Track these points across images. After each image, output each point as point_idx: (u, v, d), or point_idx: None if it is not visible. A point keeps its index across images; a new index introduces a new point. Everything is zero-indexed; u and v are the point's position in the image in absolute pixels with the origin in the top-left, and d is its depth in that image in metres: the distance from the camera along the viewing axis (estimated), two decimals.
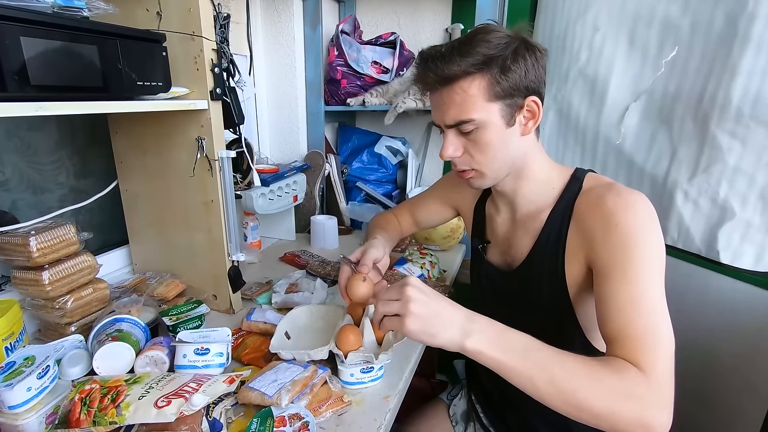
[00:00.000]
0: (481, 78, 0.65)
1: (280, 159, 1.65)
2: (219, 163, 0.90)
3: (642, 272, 0.59)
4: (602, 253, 0.63)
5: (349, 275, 0.79)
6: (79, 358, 0.73)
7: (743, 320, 1.05)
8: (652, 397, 0.52)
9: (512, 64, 0.65)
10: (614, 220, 0.63)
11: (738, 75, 0.93)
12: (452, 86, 0.66)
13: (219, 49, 0.86)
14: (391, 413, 0.71)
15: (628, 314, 0.58)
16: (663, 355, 0.55)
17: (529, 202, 0.77)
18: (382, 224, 1.01)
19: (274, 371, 0.71)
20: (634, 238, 0.61)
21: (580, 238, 0.68)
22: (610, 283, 0.61)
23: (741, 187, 0.97)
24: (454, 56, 0.64)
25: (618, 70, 1.19)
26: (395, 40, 1.59)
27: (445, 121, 0.69)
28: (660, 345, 0.56)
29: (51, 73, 0.59)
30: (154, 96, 0.78)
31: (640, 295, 0.58)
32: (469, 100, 0.65)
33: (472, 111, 0.66)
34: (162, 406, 0.58)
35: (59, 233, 0.81)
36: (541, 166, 0.75)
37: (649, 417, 0.51)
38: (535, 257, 0.75)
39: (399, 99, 1.48)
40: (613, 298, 0.60)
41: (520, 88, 0.66)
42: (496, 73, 0.64)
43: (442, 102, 0.68)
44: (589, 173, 0.74)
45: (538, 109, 0.69)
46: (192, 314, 0.89)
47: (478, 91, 0.65)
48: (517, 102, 0.67)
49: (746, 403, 1.06)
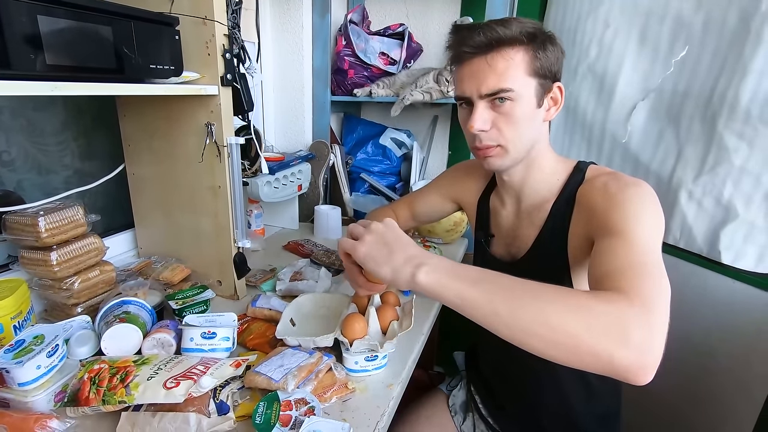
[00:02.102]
0: (526, 50, 0.66)
1: (285, 148, 1.65)
2: (228, 149, 0.90)
3: (641, 232, 0.57)
4: (602, 220, 0.63)
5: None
6: (86, 338, 0.73)
7: (741, 321, 1.06)
8: (639, 325, 0.44)
9: (550, 44, 0.68)
10: (617, 197, 0.64)
11: (748, 75, 0.93)
12: (499, 51, 0.66)
13: (231, 34, 0.86)
14: (395, 401, 0.72)
15: (622, 256, 0.53)
16: (657, 289, 0.48)
17: (535, 192, 0.78)
18: (378, 218, 1.01)
19: (280, 357, 0.72)
20: (635, 208, 0.61)
21: (582, 220, 0.70)
22: (607, 245, 0.57)
23: (746, 188, 0.98)
24: (505, 22, 0.66)
25: (627, 67, 1.19)
26: (404, 31, 1.58)
27: (481, 90, 0.67)
28: (654, 280, 0.49)
29: (66, 52, 0.59)
30: (165, 80, 0.78)
31: (636, 241, 0.55)
32: (512, 69, 0.66)
33: (514, 80, 0.66)
34: (171, 387, 0.59)
35: (68, 214, 0.81)
36: (549, 156, 0.77)
37: (633, 354, 0.42)
38: (540, 247, 0.76)
39: (406, 91, 1.48)
40: (607, 249, 0.56)
41: (552, 71, 0.69)
42: (539, 49, 0.66)
43: (481, 69, 0.67)
44: (591, 165, 0.76)
45: (561, 97, 0.71)
46: (198, 299, 0.89)
47: (522, 62, 0.66)
48: (547, 84, 0.69)
49: (739, 403, 1.07)
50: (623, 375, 0.43)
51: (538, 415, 0.86)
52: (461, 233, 1.41)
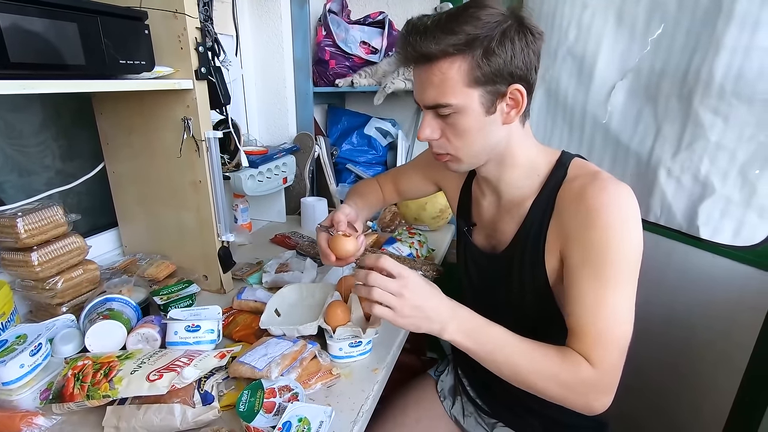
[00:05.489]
0: (461, 61, 0.61)
1: (270, 141, 1.64)
2: (206, 144, 0.89)
3: (612, 276, 0.61)
4: (576, 250, 0.64)
5: (327, 238, 0.79)
6: (71, 336, 0.74)
7: (721, 295, 1.08)
8: (598, 386, 0.62)
9: (498, 47, 0.60)
10: (592, 219, 0.62)
11: (721, 51, 0.94)
12: (431, 66, 0.62)
13: (203, 27, 0.85)
14: (379, 385, 0.73)
15: (592, 315, 0.63)
16: (615, 353, 0.62)
17: (515, 188, 0.75)
18: (361, 191, 1.02)
19: (265, 346, 0.73)
20: (610, 241, 0.61)
21: (557, 231, 0.68)
22: (580, 281, 0.64)
23: (722, 163, 0.99)
24: (436, 33, 0.60)
25: (606, 47, 1.19)
26: (384, 19, 1.57)
27: (423, 101, 0.66)
28: (613, 346, 0.62)
29: (30, 50, 0.59)
30: (137, 75, 0.77)
31: (606, 300, 0.62)
32: (447, 83, 0.62)
33: (450, 95, 0.62)
34: (154, 379, 0.60)
35: (47, 215, 0.81)
36: (527, 152, 0.73)
37: (592, 401, 0.63)
38: (519, 244, 0.75)
39: (388, 79, 1.48)
40: (581, 296, 0.64)
41: (504, 74, 0.62)
42: (479, 56, 0.60)
43: (420, 80, 0.66)
44: (575, 159, 0.72)
45: (521, 98, 0.64)
46: (183, 294, 0.90)
47: (457, 74, 0.61)
48: (499, 89, 0.63)
49: (720, 376, 1.10)
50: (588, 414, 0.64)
51: (523, 392, 0.87)
52: (447, 220, 1.42)
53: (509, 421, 0.90)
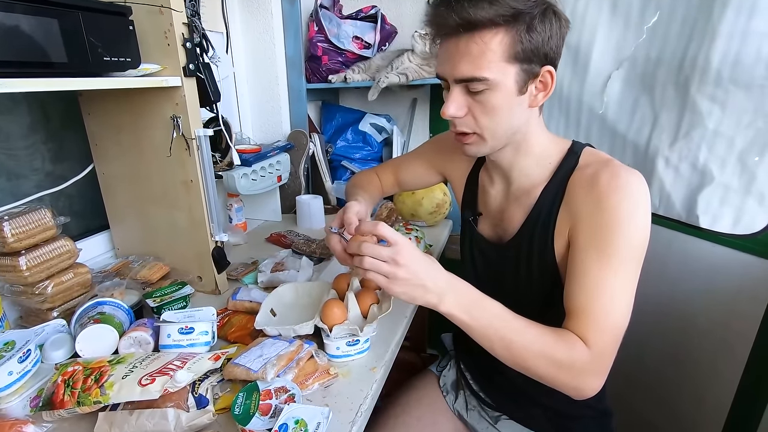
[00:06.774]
0: (505, 33, 0.59)
1: (263, 139, 1.62)
2: (196, 142, 0.88)
3: (615, 260, 0.61)
4: (583, 233, 0.64)
5: (340, 241, 0.74)
6: (61, 341, 0.72)
7: (721, 284, 1.07)
8: (590, 368, 0.61)
9: (539, 24, 0.59)
10: (603, 204, 0.62)
11: (717, 38, 0.92)
12: (473, 35, 0.60)
13: (190, 22, 0.84)
14: (378, 383, 0.72)
15: (591, 296, 0.62)
16: (609, 337, 0.62)
17: (525, 176, 0.74)
18: (362, 183, 1.00)
19: (260, 347, 0.71)
20: (617, 225, 0.61)
21: (567, 216, 0.68)
22: (582, 262, 0.64)
23: (720, 151, 0.98)
24: (483, 1, 0.58)
25: (601, 37, 1.18)
26: (376, 14, 1.55)
27: (455, 74, 0.63)
28: (609, 330, 0.62)
29: (7, 47, 0.57)
30: (123, 73, 0.75)
31: (606, 282, 0.62)
32: (487, 56, 0.60)
33: (487, 69, 0.61)
34: (146, 384, 0.58)
35: (34, 218, 0.79)
36: (541, 140, 0.72)
37: (582, 383, 0.62)
38: (526, 232, 0.74)
39: (382, 74, 1.46)
40: (582, 277, 0.63)
41: (540, 54, 0.61)
42: (522, 31, 0.59)
43: (456, 52, 0.62)
44: (587, 148, 0.72)
45: (551, 82, 0.64)
46: (176, 295, 0.88)
47: (498, 47, 0.60)
48: (533, 69, 0.62)
49: (721, 365, 1.09)
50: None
51: (527, 383, 0.86)
52: (444, 215, 1.40)
53: (513, 414, 0.89)
